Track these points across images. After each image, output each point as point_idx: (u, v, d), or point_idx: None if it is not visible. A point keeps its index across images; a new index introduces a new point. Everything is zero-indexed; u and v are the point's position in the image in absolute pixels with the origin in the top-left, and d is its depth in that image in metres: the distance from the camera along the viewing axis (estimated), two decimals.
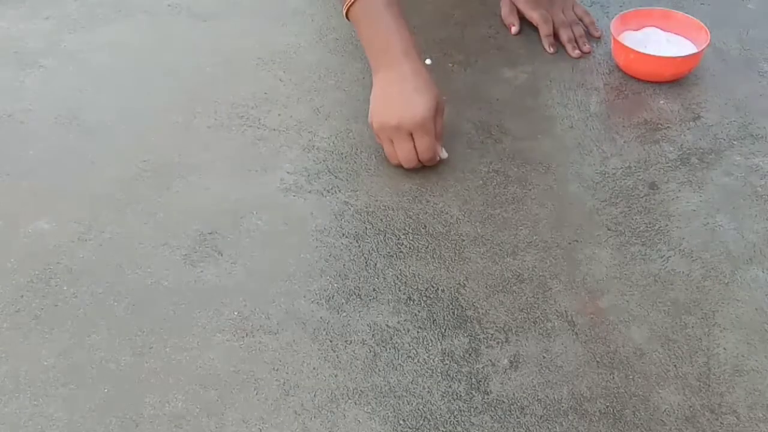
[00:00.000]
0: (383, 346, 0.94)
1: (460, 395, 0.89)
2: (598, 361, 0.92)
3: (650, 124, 1.23)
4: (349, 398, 0.89)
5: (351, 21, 1.14)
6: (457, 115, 1.24)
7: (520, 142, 1.20)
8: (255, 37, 1.40)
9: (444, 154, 1.15)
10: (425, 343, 0.94)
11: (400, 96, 1.09)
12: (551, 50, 1.36)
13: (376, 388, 0.90)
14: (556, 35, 1.38)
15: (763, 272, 1.02)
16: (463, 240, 1.06)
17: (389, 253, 1.04)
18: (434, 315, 0.97)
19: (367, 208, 1.10)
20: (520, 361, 0.92)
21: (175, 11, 1.46)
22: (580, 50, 1.36)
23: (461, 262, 1.03)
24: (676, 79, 1.30)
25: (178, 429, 0.86)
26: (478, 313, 0.97)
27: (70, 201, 1.10)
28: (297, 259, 1.03)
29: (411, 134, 1.10)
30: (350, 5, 1.12)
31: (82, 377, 0.91)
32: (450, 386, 0.90)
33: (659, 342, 0.94)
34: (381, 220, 1.08)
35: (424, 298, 0.99)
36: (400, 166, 1.13)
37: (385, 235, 1.06)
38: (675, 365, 0.92)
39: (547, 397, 0.89)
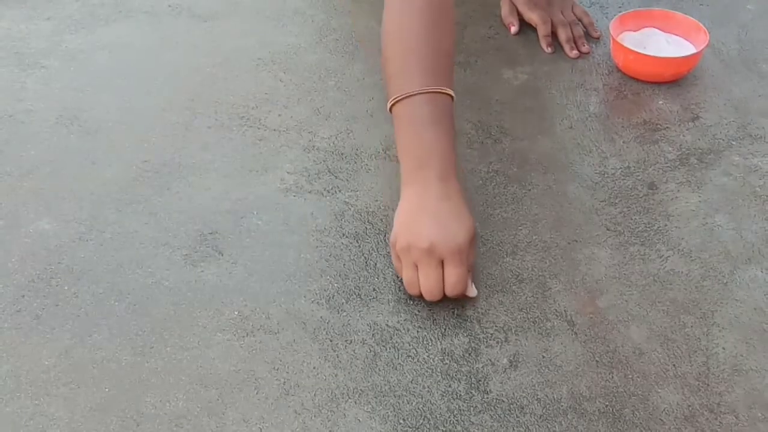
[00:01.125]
0: (383, 346, 0.94)
1: (460, 395, 0.89)
2: (597, 361, 0.93)
3: (649, 124, 1.24)
4: (349, 398, 0.89)
5: (393, 117, 1.02)
6: (457, 115, 1.24)
7: (520, 142, 1.20)
8: (255, 37, 1.40)
9: (473, 292, 0.98)
10: (425, 342, 0.94)
11: (435, 217, 0.95)
12: (549, 50, 1.37)
13: (376, 387, 0.90)
14: (554, 35, 1.38)
15: (761, 272, 1.02)
16: None
17: (389, 253, 1.04)
18: (434, 315, 0.97)
19: (367, 208, 1.10)
20: (520, 360, 0.93)
21: (176, 11, 1.47)
22: (579, 50, 1.36)
23: None
24: (675, 80, 1.30)
25: (179, 428, 0.86)
26: (478, 312, 0.98)
27: (70, 201, 1.11)
28: (297, 259, 1.03)
29: (442, 262, 0.94)
30: (396, 101, 1.00)
31: (82, 377, 0.91)
32: (450, 386, 0.90)
33: (658, 341, 0.95)
34: (381, 220, 1.09)
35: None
36: (419, 296, 0.97)
37: (385, 235, 1.06)
38: (674, 365, 0.92)
39: (547, 396, 0.89)
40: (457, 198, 0.98)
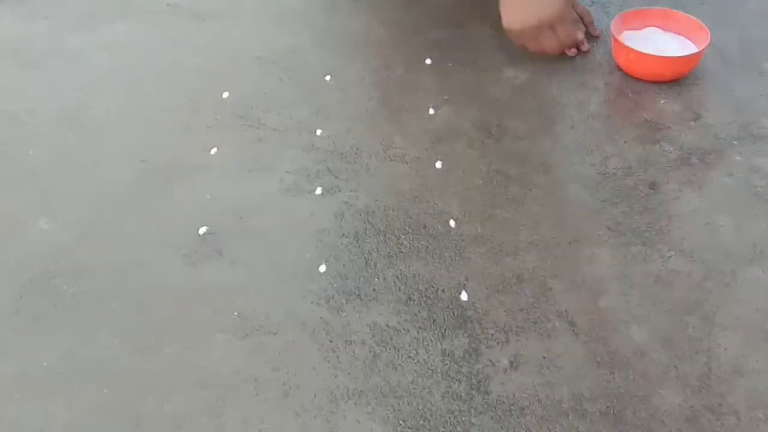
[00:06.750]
0: (383, 346, 0.94)
1: (461, 395, 0.89)
2: (598, 362, 0.92)
3: (650, 123, 1.23)
4: (349, 398, 0.89)
5: None
6: (457, 115, 1.24)
7: (520, 142, 1.20)
8: (255, 37, 1.40)
9: (586, 46, 1.31)
10: (425, 343, 0.94)
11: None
12: None
13: (376, 388, 0.90)
14: None
15: (763, 272, 1.02)
16: (463, 240, 1.06)
17: (389, 253, 1.04)
18: (434, 315, 0.97)
19: (367, 208, 1.10)
20: (521, 361, 0.92)
21: (175, 11, 1.46)
22: (578, 49, 1.36)
23: (461, 262, 1.03)
24: (676, 79, 1.30)
25: (178, 429, 0.86)
26: (478, 313, 0.97)
27: (70, 201, 1.11)
28: (297, 259, 1.03)
29: (552, 27, 1.25)
30: None
31: (81, 378, 0.91)
32: (450, 386, 0.90)
33: (660, 342, 0.94)
34: (381, 220, 1.08)
35: (424, 298, 0.99)
36: (545, 53, 1.30)
37: (385, 235, 1.06)
38: (675, 365, 0.92)
39: (548, 397, 0.89)
40: None
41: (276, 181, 1.14)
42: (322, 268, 1.02)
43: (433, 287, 1.00)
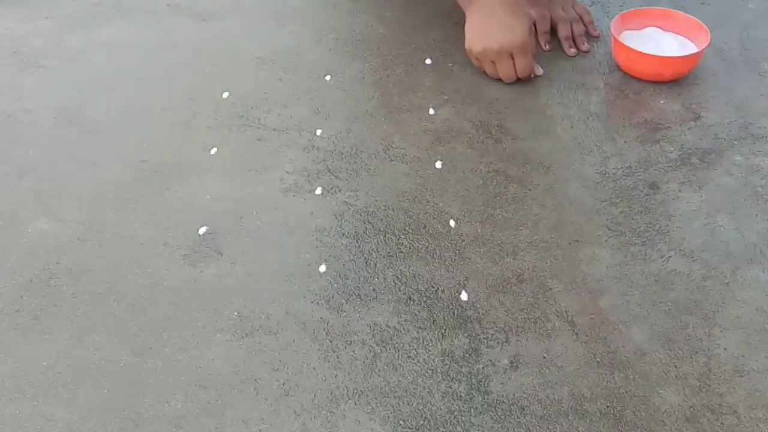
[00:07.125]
0: (383, 346, 0.94)
1: (461, 395, 0.89)
2: (598, 362, 0.92)
3: (650, 124, 1.23)
4: (349, 398, 0.89)
5: None
6: (457, 115, 1.24)
7: (520, 142, 1.20)
8: (255, 37, 1.40)
9: (539, 71, 1.30)
10: (425, 343, 0.94)
11: (499, 23, 1.24)
12: (547, 48, 1.36)
13: (376, 388, 0.90)
14: (554, 33, 1.38)
15: (763, 272, 1.02)
16: (463, 240, 1.06)
17: (389, 253, 1.04)
18: (434, 315, 0.97)
19: (367, 208, 1.10)
20: (521, 361, 0.92)
21: (175, 11, 1.46)
22: (578, 48, 1.36)
23: (461, 262, 1.03)
24: (676, 79, 1.30)
25: (178, 429, 0.86)
26: (478, 313, 0.97)
27: (70, 201, 1.10)
28: (297, 259, 1.03)
29: (511, 55, 1.24)
30: None
31: (81, 377, 0.90)
32: (450, 386, 0.90)
33: (660, 342, 0.94)
34: (381, 220, 1.08)
35: (424, 298, 0.99)
36: (499, 80, 1.29)
37: (385, 235, 1.06)
38: (675, 365, 0.92)
39: (548, 397, 0.89)
40: (511, 2, 1.24)
41: (276, 181, 1.14)
42: (322, 268, 1.02)
43: (433, 287, 1.00)
